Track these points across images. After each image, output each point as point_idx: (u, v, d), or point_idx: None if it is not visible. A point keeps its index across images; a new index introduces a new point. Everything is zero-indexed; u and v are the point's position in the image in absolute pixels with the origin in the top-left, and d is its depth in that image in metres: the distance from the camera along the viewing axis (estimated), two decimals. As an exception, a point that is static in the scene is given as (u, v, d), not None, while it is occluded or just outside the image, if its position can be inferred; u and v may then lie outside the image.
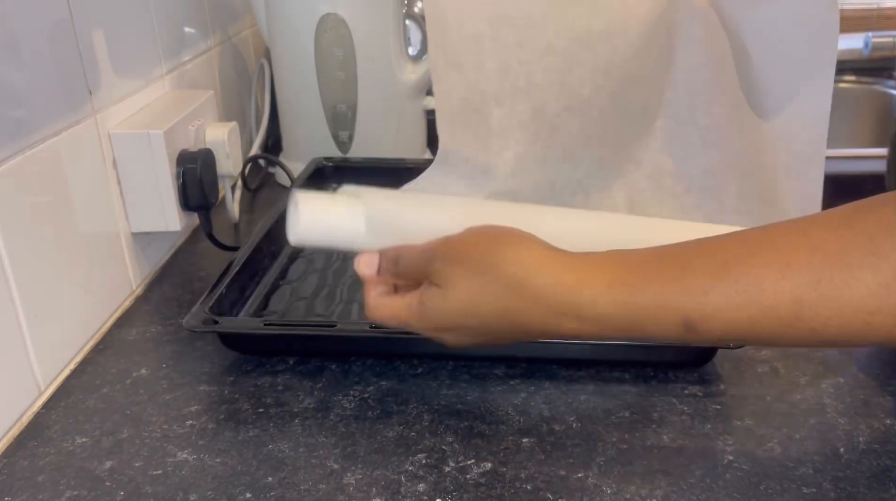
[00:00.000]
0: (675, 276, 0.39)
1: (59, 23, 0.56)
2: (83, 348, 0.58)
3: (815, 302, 0.36)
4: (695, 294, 0.38)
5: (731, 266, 0.38)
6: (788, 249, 0.37)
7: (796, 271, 0.36)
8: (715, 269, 0.38)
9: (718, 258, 0.38)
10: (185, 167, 0.66)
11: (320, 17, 0.81)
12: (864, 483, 0.43)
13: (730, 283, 0.37)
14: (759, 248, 0.38)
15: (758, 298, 0.37)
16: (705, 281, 0.38)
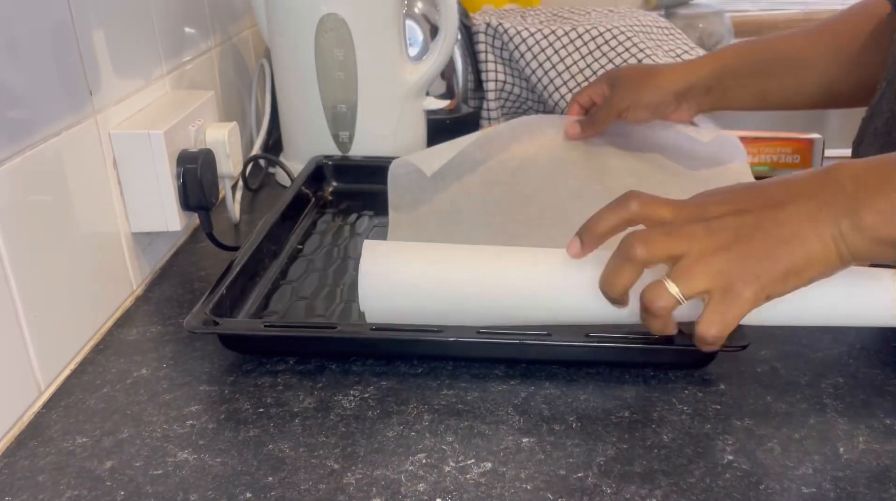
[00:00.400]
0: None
1: (59, 23, 0.56)
2: (83, 348, 0.58)
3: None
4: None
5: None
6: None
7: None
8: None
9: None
10: (186, 167, 0.66)
11: (320, 17, 0.81)
12: (864, 483, 0.43)
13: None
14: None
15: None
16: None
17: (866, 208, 0.41)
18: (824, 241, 0.42)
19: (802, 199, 0.43)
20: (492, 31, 1.03)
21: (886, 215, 0.41)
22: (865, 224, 0.41)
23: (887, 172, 0.42)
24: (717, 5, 1.50)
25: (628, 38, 1.00)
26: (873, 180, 0.42)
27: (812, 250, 0.42)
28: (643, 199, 0.46)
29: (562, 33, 1.01)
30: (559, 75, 0.99)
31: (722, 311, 0.43)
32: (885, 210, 0.41)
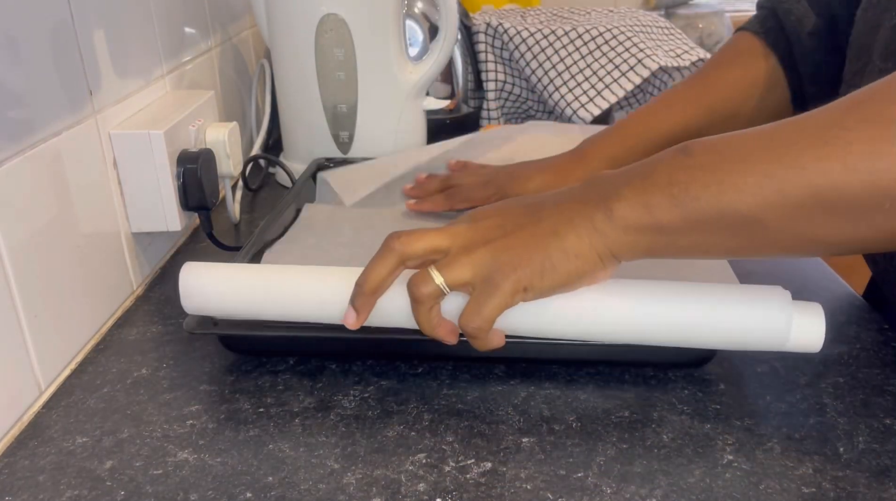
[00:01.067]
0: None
1: (59, 23, 0.56)
2: (83, 348, 0.58)
3: (790, 131, 0.41)
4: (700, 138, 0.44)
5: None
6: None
7: (782, 122, 0.42)
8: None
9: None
10: (186, 167, 0.66)
11: (320, 17, 0.81)
12: (864, 483, 0.43)
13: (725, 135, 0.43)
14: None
15: (745, 132, 0.42)
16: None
17: (614, 199, 0.43)
18: (579, 235, 0.44)
19: (563, 202, 0.46)
20: (492, 31, 1.03)
21: (633, 203, 0.43)
22: (616, 215, 0.43)
23: (637, 168, 0.44)
24: (717, 5, 1.50)
25: (628, 38, 1.00)
26: (623, 177, 0.44)
27: (567, 243, 0.44)
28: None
29: (562, 33, 1.01)
30: (559, 75, 0.99)
31: (481, 302, 0.45)
32: (632, 198, 0.43)
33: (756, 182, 0.40)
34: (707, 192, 0.41)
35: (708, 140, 0.43)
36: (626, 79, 0.98)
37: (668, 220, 0.42)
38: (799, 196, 0.39)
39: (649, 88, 1.07)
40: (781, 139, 0.40)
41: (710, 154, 0.42)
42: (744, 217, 0.41)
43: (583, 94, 0.98)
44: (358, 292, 0.47)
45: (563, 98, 0.99)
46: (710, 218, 0.41)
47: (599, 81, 0.99)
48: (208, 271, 0.51)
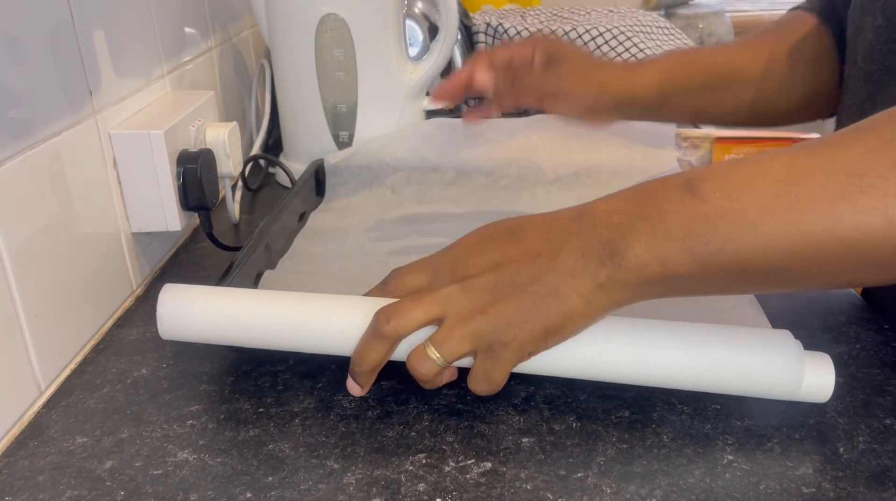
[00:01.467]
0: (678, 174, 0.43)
1: (59, 23, 0.56)
2: (83, 348, 0.58)
3: (812, 168, 0.38)
4: (695, 168, 0.41)
5: (730, 161, 0.41)
6: (782, 149, 0.41)
7: (794, 149, 0.39)
8: (715, 164, 0.43)
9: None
10: (186, 167, 0.66)
11: (320, 17, 0.81)
12: (864, 483, 0.43)
13: (730, 163, 0.40)
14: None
15: (756, 163, 0.39)
16: (706, 166, 0.42)
17: (622, 253, 0.40)
18: (583, 296, 0.41)
19: (560, 249, 0.42)
20: (492, 31, 1.03)
21: (645, 259, 0.40)
22: (625, 271, 0.40)
23: (640, 209, 0.41)
24: (717, 5, 1.50)
25: (628, 38, 1.00)
26: (627, 221, 0.41)
27: (570, 306, 0.41)
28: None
29: (562, 33, 1.01)
30: (559, 75, 0.99)
31: (487, 369, 0.44)
32: (643, 253, 0.40)
33: (787, 237, 0.37)
34: (731, 246, 0.38)
35: (716, 177, 0.40)
36: (626, 79, 0.98)
37: (686, 273, 0.39)
38: (834, 250, 0.37)
39: (649, 88, 1.07)
40: (810, 187, 0.37)
41: (728, 200, 0.39)
42: (770, 269, 0.38)
43: (583, 94, 0.98)
44: (358, 371, 0.46)
45: (563, 98, 0.99)
46: (733, 269, 0.39)
47: (599, 81, 0.99)
48: (188, 295, 0.48)
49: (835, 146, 0.38)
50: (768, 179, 0.38)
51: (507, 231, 0.44)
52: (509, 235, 0.44)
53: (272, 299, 0.49)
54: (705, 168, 0.41)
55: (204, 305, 0.48)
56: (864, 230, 0.36)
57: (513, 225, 0.45)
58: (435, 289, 0.43)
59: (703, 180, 0.40)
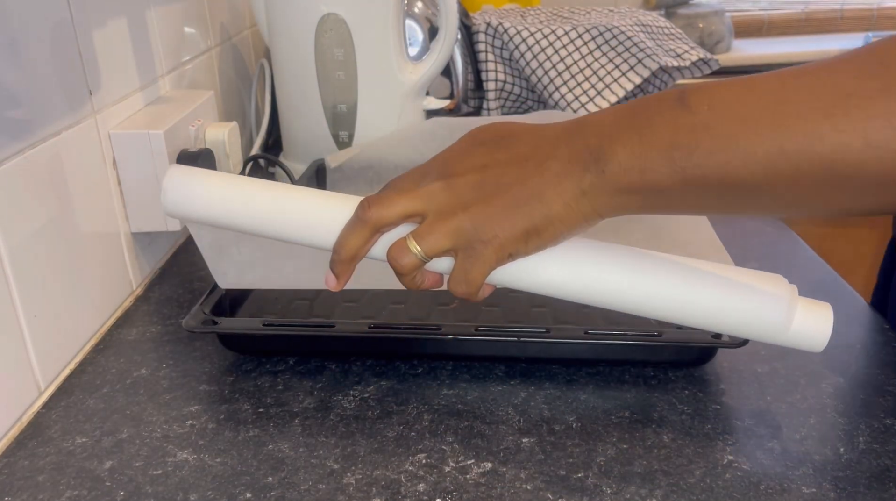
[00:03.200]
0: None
1: (59, 23, 0.56)
2: (83, 348, 0.58)
3: (800, 87, 0.37)
4: (694, 83, 0.40)
5: (729, 78, 0.40)
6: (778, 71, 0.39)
7: (788, 70, 0.38)
8: (709, 82, 0.40)
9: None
10: (185, 167, 0.66)
11: (320, 17, 0.81)
12: (864, 483, 0.43)
13: (728, 79, 0.40)
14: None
15: (750, 81, 0.39)
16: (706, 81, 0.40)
17: (606, 159, 0.40)
18: (566, 200, 0.41)
19: (549, 155, 0.42)
20: (492, 31, 1.03)
21: (627, 166, 0.40)
22: (607, 177, 0.40)
23: (630, 119, 0.41)
24: (717, 5, 1.50)
25: (628, 37, 1.00)
26: (616, 130, 0.41)
27: (552, 209, 0.41)
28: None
29: (562, 33, 1.01)
30: (559, 75, 0.99)
31: (466, 268, 0.43)
32: (626, 160, 0.40)
33: (766, 152, 0.37)
34: (712, 159, 0.38)
35: (708, 91, 0.40)
36: (626, 79, 0.98)
37: (666, 184, 0.39)
38: (812, 169, 0.37)
39: (649, 88, 1.07)
40: (795, 104, 0.37)
41: (714, 112, 0.38)
42: (748, 186, 0.38)
43: (583, 93, 0.98)
44: (336, 259, 0.45)
45: (563, 98, 0.99)
46: (712, 184, 0.39)
47: (599, 80, 0.99)
48: (195, 175, 0.47)
49: (830, 67, 0.37)
50: (756, 95, 0.38)
51: (498, 136, 0.44)
52: (499, 139, 0.44)
53: (269, 188, 0.47)
54: (702, 83, 0.41)
55: (207, 183, 0.47)
56: (843, 151, 0.36)
57: (504, 131, 0.44)
58: (419, 184, 0.43)
59: (696, 94, 0.40)
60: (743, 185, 0.38)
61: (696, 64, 1.04)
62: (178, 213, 0.47)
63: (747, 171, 0.38)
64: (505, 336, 0.53)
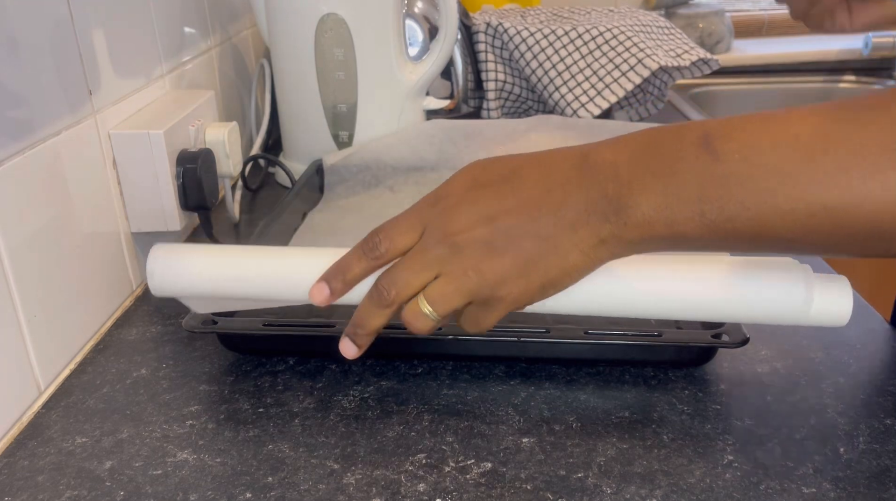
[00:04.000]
0: (693, 123, 0.39)
1: (59, 23, 0.56)
2: (83, 348, 0.58)
3: (842, 136, 0.34)
4: (716, 120, 0.38)
5: (751, 115, 0.37)
6: (809, 107, 0.37)
7: (823, 111, 0.35)
8: (734, 117, 0.38)
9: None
10: (185, 167, 0.66)
11: (320, 17, 0.81)
12: (864, 483, 0.43)
13: (752, 118, 0.37)
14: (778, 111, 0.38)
15: (782, 123, 0.36)
16: (726, 118, 0.38)
17: (628, 212, 0.38)
18: (582, 249, 0.39)
19: (561, 202, 0.39)
20: (492, 31, 1.03)
21: (653, 219, 0.37)
22: (630, 229, 0.38)
23: (649, 162, 0.38)
24: (717, 5, 1.50)
25: (628, 37, 1.00)
26: (635, 176, 0.38)
27: (569, 261, 0.40)
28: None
29: (562, 33, 1.01)
30: (559, 75, 0.99)
31: (479, 318, 0.43)
32: (651, 213, 0.37)
33: (806, 209, 0.35)
34: (746, 214, 0.36)
35: (737, 135, 0.37)
36: (626, 79, 0.98)
37: (695, 236, 0.37)
38: (856, 225, 0.34)
39: (649, 88, 1.07)
40: (838, 156, 0.34)
41: (747, 162, 0.36)
42: (786, 239, 0.36)
43: (583, 93, 0.98)
44: (360, 333, 0.45)
45: (563, 98, 0.99)
46: (745, 236, 0.37)
47: (599, 80, 0.99)
48: (178, 252, 0.48)
49: (870, 113, 0.35)
50: (794, 144, 0.35)
51: (501, 178, 0.41)
52: (503, 182, 0.41)
53: (255, 253, 0.48)
54: (724, 121, 0.38)
55: (192, 259, 0.48)
56: (889, 208, 0.33)
57: (506, 170, 0.42)
58: (427, 249, 0.42)
59: (723, 138, 0.37)
60: (779, 239, 0.36)
61: (695, 64, 1.04)
62: (167, 293, 0.48)
63: (785, 227, 0.36)
64: (505, 336, 0.53)
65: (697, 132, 0.37)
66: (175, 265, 0.48)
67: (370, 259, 0.43)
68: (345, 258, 0.45)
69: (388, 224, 0.43)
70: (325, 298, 0.45)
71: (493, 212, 0.40)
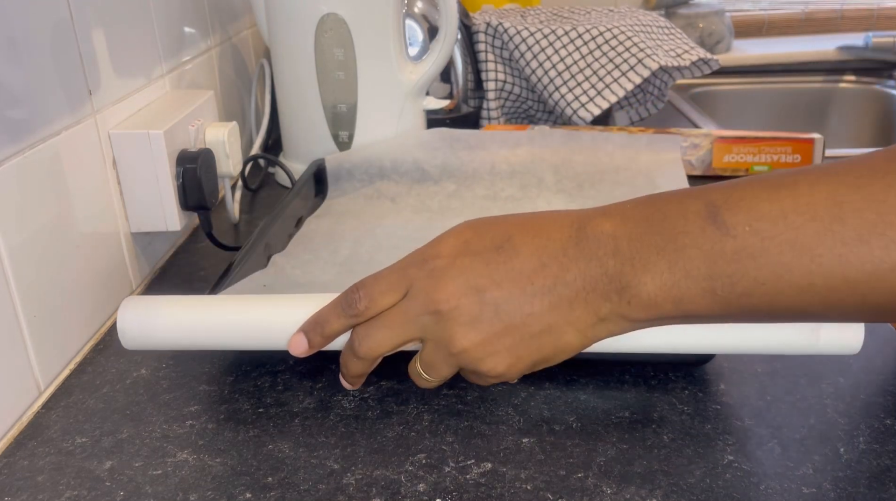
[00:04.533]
0: (695, 189, 0.37)
1: (59, 23, 0.56)
2: (83, 348, 0.58)
3: (859, 204, 0.32)
4: (720, 187, 0.36)
5: (756, 179, 0.35)
6: (817, 170, 0.34)
7: (834, 177, 0.33)
8: (739, 182, 0.35)
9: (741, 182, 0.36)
10: (185, 167, 0.66)
11: (320, 17, 0.81)
12: (864, 483, 0.43)
13: (757, 184, 0.34)
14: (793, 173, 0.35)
15: (791, 189, 0.33)
16: (731, 183, 0.36)
17: (632, 292, 0.36)
18: (579, 328, 0.37)
19: (556, 278, 0.37)
20: (492, 31, 1.03)
21: (658, 299, 0.35)
22: (633, 310, 0.36)
23: (652, 236, 0.36)
24: (717, 5, 1.50)
25: (628, 37, 1.00)
26: (638, 252, 0.36)
27: (563, 340, 0.38)
28: (367, 292, 0.41)
29: (562, 33, 1.01)
30: (559, 75, 0.99)
31: (473, 380, 0.42)
32: (657, 293, 0.35)
33: (826, 283, 0.33)
34: (761, 289, 0.34)
35: (745, 204, 0.34)
36: (626, 79, 0.98)
37: (705, 312, 0.35)
38: (880, 296, 0.32)
39: (649, 88, 1.07)
40: (856, 226, 0.32)
41: (759, 236, 0.33)
42: (803, 312, 0.34)
43: (583, 93, 0.98)
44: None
45: (563, 98, 0.99)
46: (759, 311, 0.35)
47: (599, 80, 0.99)
48: (148, 305, 0.47)
49: (887, 178, 0.32)
50: (808, 214, 0.33)
51: (493, 246, 0.39)
52: (495, 251, 0.38)
53: (225, 303, 0.47)
54: (730, 190, 0.35)
55: (164, 313, 0.47)
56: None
57: (499, 237, 0.39)
58: (409, 312, 0.40)
59: (729, 209, 0.34)
60: (800, 312, 0.35)
61: (695, 64, 1.04)
62: (139, 348, 0.47)
63: (805, 301, 0.34)
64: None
65: (701, 202, 0.35)
66: (147, 320, 0.46)
67: (349, 316, 0.41)
68: (324, 311, 0.43)
69: (370, 280, 0.41)
70: (304, 351, 0.44)
71: (483, 283, 0.38)
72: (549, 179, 0.80)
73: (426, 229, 0.72)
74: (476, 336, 0.38)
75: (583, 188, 0.79)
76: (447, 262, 0.39)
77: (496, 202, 0.78)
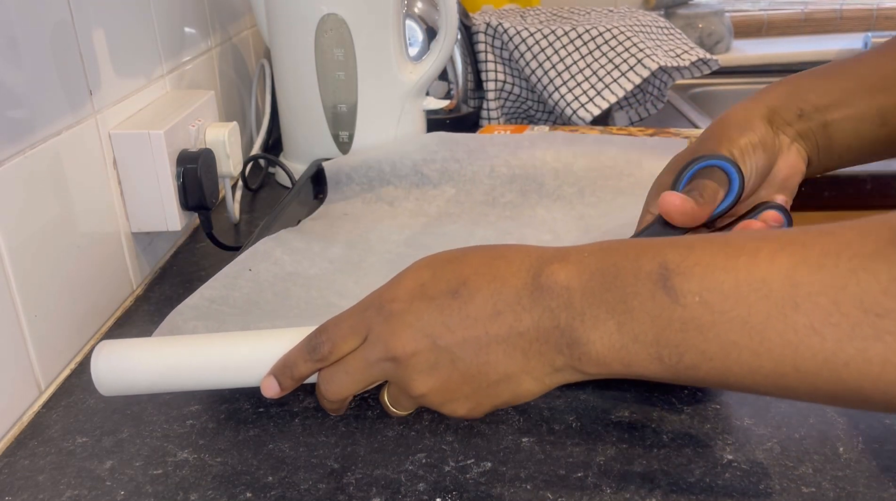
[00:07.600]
0: (655, 243, 0.36)
1: (59, 23, 0.56)
2: (83, 347, 0.58)
3: (816, 287, 0.30)
4: (678, 245, 0.34)
5: (718, 239, 0.34)
6: (784, 236, 0.33)
7: (800, 249, 0.31)
8: (699, 241, 0.34)
9: (699, 239, 0.35)
10: (186, 167, 0.66)
11: (320, 17, 0.81)
12: (863, 483, 0.43)
13: (717, 246, 0.33)
14: (753, 237, 0.34)
15: (749, 259, 0.32)
16: (690, 241, 0.34)
17: (581, 348, 0.36)
18: (536, 376, 0.38)
19: (511, 327, 0.37)
20: (492, 31, 1.03)
21: (608, 359, 0.35)
22: (584, 365, 0.36)
23: (603, 293, 0.35)
24: (716, 5, 1.50)
25: (628, 38, 1.00)
26: (587, 308, 0.35)
27: (522, 387, 0.38)
28: (329, 337, 0.41)
29: (562, 33, 1.01)
30: (559, 75, 0.99)
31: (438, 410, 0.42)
32: (606, 353, 0.35)
33: (775, 369, 0.31)
34: (708, 364, 0.33)
35: (697, 272, 0.33)
36: (626, 79, 0.98)
37: (654, 376, 0.35)
38: (828, 388, 0.31)
39: (649, 88, 1.07)
40: (810, 312, 0.30)
41: (708, 307, 0.32)
42: (751, 390, 0.34)
43: (583, 94, 0.98)
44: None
45: (562, 98, 0.99)
46: (710, 382, 0.34)
47: (599, 81, 0.99)
48: (122, 349, 0.46)
49: (851, 262, 0.30)
50: (763, 290, 0.31)
51: (449, 290, 0.38)
52: (450, 296, 0.38)
53: (200, 343, 0.46)
54: (685, 250, 0.34)
55: (138, 356, 0.46)
56: (872, 380, 0.30)
57: (455, 281, 0.39)
58: (369, 359, 0.40)
59: (682, 275, 0.33)
60: (749, 389, 0.34)
61: (695, 64, 1.04)
62: (116, 392, 0.46)
63: (755, 382, 0.33)
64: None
65: (656, 263, 0.34)
66: (121, 364, 0.45)
67: (314, 361, 0.42)
68: (292, 354, 0.43)
69: (332, 325, 0.41)
70: (275, 393, 0.43)
71: (437, 331, 0.38)
72: (549, 184, 0.79)
73: (419, 235, 0.72)
74: (434, 383, 0.39)
75: (584, 195, 0.77)
76: (403, 306, 0.39)
77: (494, 208, 0.78)
